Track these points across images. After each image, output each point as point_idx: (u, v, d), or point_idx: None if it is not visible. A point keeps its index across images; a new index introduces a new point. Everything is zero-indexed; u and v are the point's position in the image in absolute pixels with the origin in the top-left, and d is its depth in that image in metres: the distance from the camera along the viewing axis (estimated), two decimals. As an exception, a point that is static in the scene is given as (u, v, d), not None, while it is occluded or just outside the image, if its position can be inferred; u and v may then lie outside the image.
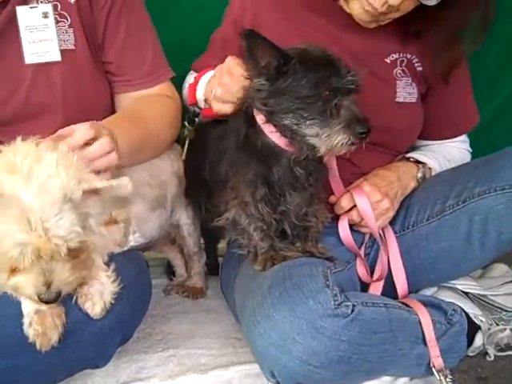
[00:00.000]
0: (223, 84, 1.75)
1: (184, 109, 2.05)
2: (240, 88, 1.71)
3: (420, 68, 1.98)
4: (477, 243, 1.79)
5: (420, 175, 2.00)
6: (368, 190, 1.86)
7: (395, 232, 1.94)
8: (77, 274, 1.34)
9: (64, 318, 1.40)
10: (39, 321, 1.36)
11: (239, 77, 1.70)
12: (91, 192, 1.33)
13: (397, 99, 1.97)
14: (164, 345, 1.84)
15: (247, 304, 1.63)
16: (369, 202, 1.84)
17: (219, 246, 2.40)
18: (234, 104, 1.75)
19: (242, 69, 1.68)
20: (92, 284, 1.42)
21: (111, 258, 1.51)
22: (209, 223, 1.91)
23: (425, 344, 1.63)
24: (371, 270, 1.93)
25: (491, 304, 1.96)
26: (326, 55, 1.60)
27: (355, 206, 1.87)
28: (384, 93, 1.96)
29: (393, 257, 1.88)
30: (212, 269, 2.34)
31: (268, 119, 1.64)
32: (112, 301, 1.45)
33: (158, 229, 2.00)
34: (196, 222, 2.13)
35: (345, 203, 1.88)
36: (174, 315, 2.05)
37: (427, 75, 1.99)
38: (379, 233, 1.90)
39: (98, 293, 1.42)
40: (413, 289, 1.92)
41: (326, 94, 1.55)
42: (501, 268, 2.18)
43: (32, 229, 1.23)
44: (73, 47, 1.79)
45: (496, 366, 1.79)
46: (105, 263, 1.48)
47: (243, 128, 1.70)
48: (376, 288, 1.87)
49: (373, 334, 1.52)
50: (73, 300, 1.42)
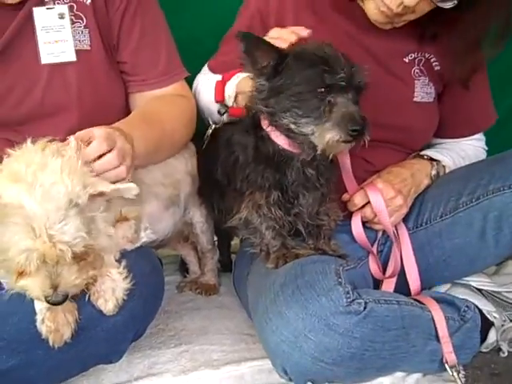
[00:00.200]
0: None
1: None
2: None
3: (438, 67, 1.97)
4: (491, 240, 1.79)
5: (434, 172, 1.99)
6: (381, 187, 1.85)
7: (408, 229, 1.93)
8: (83, 276, 1.35)
9: (76, 315, 1.42)
10: (51, 317, 1.38)
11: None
12: (98, 196, 1.34)
13: (414, 99, 1.97)
14: (177, 341, 1.86)
15: (260, 301, 1.64)
16: (382, 199, 1.83)
17: (232, 243, 2.41)
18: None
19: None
20: (104, 281, 1.43)
21: (123, 255, 1.52)
22: (221, 224, 1.92)
23: (438, 340, 1.63)
24: (384, 267, 1.92)
25: (505, 301, 1.94)
26: (323, 52, 1.58)
27: (368, 203, 1.87)
28: (402, 92, 1.96)
29: (405, 253, 1.88)
30: (225, 266, 2.36)
31: (270, 121, 1.64)
32: (124, 297, 1.46)
33: (172, 227, 2.01)
34: (209, 220, 2.14)
35: (358, 200, 1.88)
36: (187, 311, 2.06)
37: (444, 74, 1.98)
38: (392, 230, 1.89)
39: (110, 289, 1.44)
40: (426, 285, 1.92)
41: (321, 92, 1.55)
42: (515, 265, 2.17)
43: (36, 236, 1.24)
44: (88, 48, 1.81)
45: (509, 362, 1.78)
46: (116, 260, 1.49)
47: (252, 138, 1.71)
48: (389, 285, 1.86)
49: (385, 331, 1.52)
50: (86, 297, 1.44)
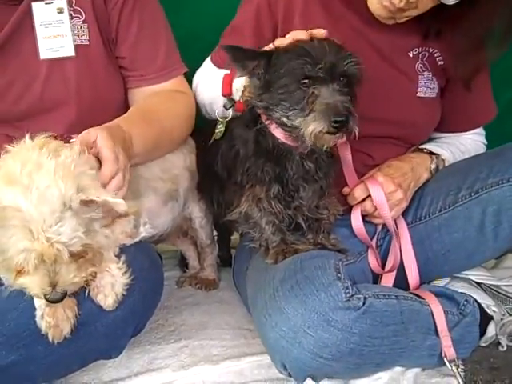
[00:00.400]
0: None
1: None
2: None
3: (441, 62, 1.97)
4: (490, 234, 1.78)
5: (433, 166, 1.99)
6: (382, 181, 1.85)
7: (408, 223, 1.93)
8: (82, 274, 1.35)
9: (76, 310, 1.43)
10: (51, 313, 1.38)
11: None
12: (89, 202, 1.34)
13: (418, 94, 1.96)
14: (176, 336, 1.86)
15: (259, 297, 1.65)
16: (383, 192, 1.83)
17: (232, 238, 2.42)
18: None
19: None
20: (103, 276, 1.43)
21: (123, 250, 1.52)
22: (221, 218, 1.92)
23: (437, 335, 1.63)
24: (383, 262, 1.92)
25: (504, 294, 1.95)
26: (308, 45, 1.59)
27: (368, 197, 1.87)
28: (406, 87, 1.96)
29: (405, 248, 1.88)
30: (225, 260, 2.37)
31: (266, 115, 1.65)
32: (124, 292, 1.46)
33: (171, 222, 2.02)
34: (208, 215, 2.14)
35: (358, 194, 1.88)
36: (187, 307, 2.07)
37: (448, 69, 1.97)
38: (392, 223, 1.89)
39: (110, 285, 1.44)
40: (425, 280, 1.92)
41: (304, 83, 1.54)
42: (514, 259, 2.17)
43: (34, 237, 1.25)
44: (87, 42, 1.81)
45: (508, 356, 1.78)
46: (115, 255, 1.49)
47: (252, 132, 1.70)
48: (388, 279, 1.86)
49: (384, 327, 1.53)
50: (85, 293, 1.44)
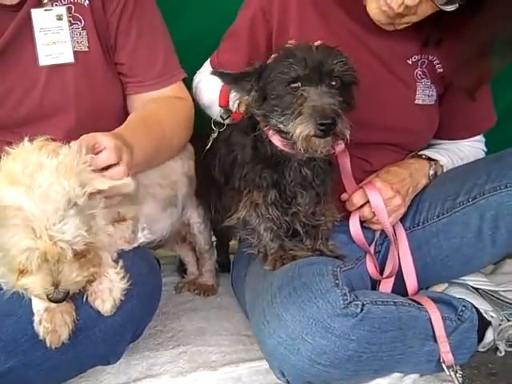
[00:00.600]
0: None
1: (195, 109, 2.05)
2: None
3: (440, 70, 1.97)
4: (488, 240, 1.78)
5: (432, 172, 1.99)
6: (380, 187, 1.86)
7: (406, 229, 1.93)
8: (84, 274, 1.36)
9: (74, 315, 1.43)
10: (49, 318, 1.38)
11: None
12: (96, 193, 1.35)
13: (416, 101, 1.96)
14: (175, 342, 1.86)
15: (257, 303, 1.65)
16: (381, 198, 1.83)
17: (231, 244, 2.42)
18: None
19: None
20: (101, 281, 1.44)
21: (121, 256, 1.52)
22: (218, 224, 1.93)
23: (435, 341, 1.63)
24: (381, 268, 1.92)
25: (502, 300, 1.94)
26: (295, 48, 1.60)
27: (367, 203, 1.87)
28: (404, 94, 1.96)
29: (403, 254, 1.88)
30: (223, 266, 2.37)
31: (264, 123, 1.65)
32: (122, 297, 1.47)
33: (169, 227, 2.02)
34: (206, 221, 2.14)
35: (357, 200, 1.89)
36: (185, 312, 2.07)
37: (447, 77, 1.97)
38: (391, 229, 1.88)
39: (107, 290, 1.44)
40: (423, 285, 1.92)
41: (293, 87, 1.55)
42: (512, 264, 2.17)
43: (37, 236, 1.25)
44: (86, 49, 1.82)
45: (507, 362, 1.79)
46: (113, 260, 1.49)
47: (250, 138, 1.71)
48: (386, 285, 1.86)
49: (382, 333, 1.53)
50: (83, 298, 1.44)
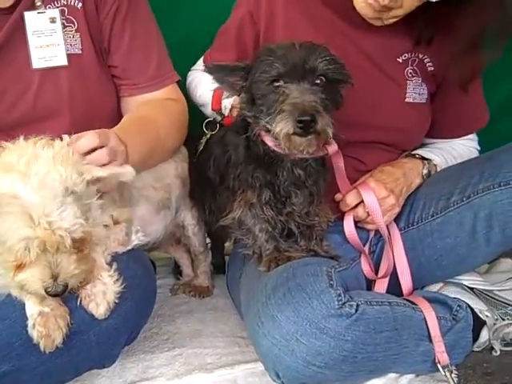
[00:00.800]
0: None
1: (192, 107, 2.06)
2: None
3: (431, 68, 1.97)
4: (482, 239, 1.78)
5: (425, 172, 1.99)
6: (374, 186, 1.86)
7: (400, 228, 1.93)
8: (82, 267, 1.36)
9: (68, 319, 1.42)
10: (42, 322, 1.38)
11: None
12: (95, 182, 1.36)
13: (406, 99, 1.96)
14: (170, 344, 1.86)
15: (252, 304, 1.65)
16: (376, 197, 1.83)
17: (226, 245, 2.41)
18: None
19: None
20: (95, 284, 1.43)
21: (115, 258, 1.52)
22: (213, 225, 1.93)
23: (430, 341, 1.63)
24: (376, 268, 1.92)
25: (497, 299, 1.94)
26: (277, 46, 1.60)
27: (361, 203, 1.87)
28: (394, 93, 1.96)
29: (397, 253, 1.87)
30: (218, 267, 2.37)
31: (255, 124, 1.65)
32: (116, 300, 1.47)
33: (163, 230, 2.02)
34: (201, 223, 2.15)
35: (350, 200, 1.88)
36: (181, 315, 2.07)
37: (438, 75, 1.98)
38: (385, 229, 1.88)
39: (101, 293, 1.44)
40: (418, 285, 1.92)
41: (278, 85, 1.55)
42: (507, 263, 2.16)
43: (35, 224, 1.25)
44: (79, 51, 1.82)
45: (502, 361, 1.78)
46: (107, 263, 1.49)
47: (243, 139, 1.70)
48: (381, 285, 1.86)
49: (377, 334, 1.53)
50: (77, 301, 1.44)
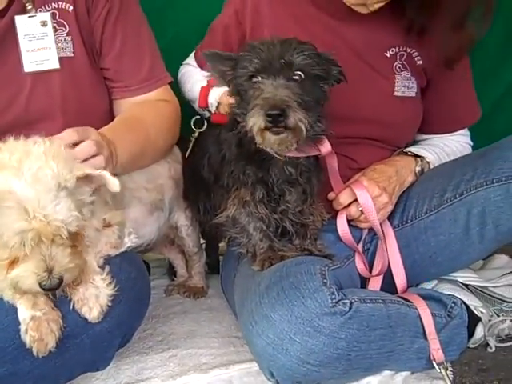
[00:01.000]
0: None
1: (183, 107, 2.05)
2: None
3: (420, 62, 1.97)
4: (475, 235, 1.79)
5: (418, 169, 1.99)
6: (366, 185, 1.85)
7: (394, 226, 1.93)
8: (76, 261, 1.35)
9: (61, 323, 1.42)
10: (35, 327, 1.37)
11: None
12: (84, 180, 1.36)
13: (395, 93, 1.96)
14: (165, 345, 1.85)
15: (245, 304, 1.64)
16: (369, 195, 1.83)
17: (220, 245, 2.41)
18: None
19: None
20: (87, 288, 1.43)
21: (108, 261, 1.52)
22: (207, 225, 1.93)
23: (425, 338, 1.64)
24: (370, 266, 1.92)
25: (492, 295, 1.95)
26: (257, 42, 1.60)
27: (354, 202, 1.87)
28: (382, 86, 1.96)
29: (391, 251, 1.87)
30: (213, 267, 2.36)
31: (242, 120, 1.64)
32: (109, 303, 1.46)
33: (157, 231, 2.02)
34: (194, 223, 2.14)
35: (343, 199, 1.88)
36: (176, 315, 2.06)
37: (427, 69, 1.99)
38: (379, 226, 1.88)
39: (94, 296, 1.43)
40: (413, 282, 1.92)
41: (255, 81, 1.55)
42: (501, 259, 2.16)
43: (30, 217, 1.25)
44: (71, 55, 1.81)
45: (497, 358, 1.78)
46: (99, 266, 1.49)
47: (235, 136, 1.70)
48: (375, 283, 1.86)
49: (371, 331, 1.53)
50: (70, 305, 1.44)
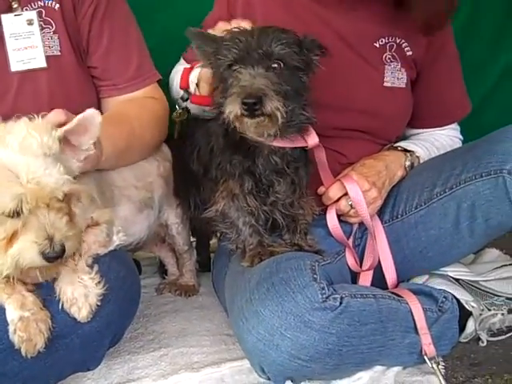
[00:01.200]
0: None
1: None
2: None
3: (410, 52, 1.98)
4: (465, 230, 1.79)
5: (408, 163, 1.99)
6: (356, 179, 1.85)
7: (384, 222, 1.94)
8: (73, 231, 1.34)
9: (50, 323, 1.41)
10: (23, 327, 1.36)
11: None
12: (68, 148, 1.39)
13: (385, 84, 1.97)
14: (156, 344, 1.85)
15: (235, 301, 1.64)
16: (359, 189, 1.83)
17: (211, 243, 2.40)
18: None
19: None
20: (76, 288, 1.42)
21: (97, 260, 1.51)
22: (198, 221, 1.92)
23: (416, 332, 1.64)
24: (361, 261, 1.92)
25: (482, 290, 1.95)
26: (238, 31, 1.59)
27: (343, 196, 1.86)
28: (372, 77, 1.96)
29: (381, 246, 1.87)
30: (204, 265, 2.36)
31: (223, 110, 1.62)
32: (98, 303, 1.45)
33: (147, 229, 2.01)
34: (185, 221, 2.14)
35: (333, 193, 1.87)
36: (167, 314, 2.06)
37: (417, 59, 1.99)
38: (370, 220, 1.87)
39: (83, 296, 1.42)
40: (404, 277, 1.92)
41: (234, 70, 1.55)
42: (492, 253, 2.18)
43: (24, 182, 1.25)
44: (58, 53, 1.80)
45: (489, 351, 1.79)
46: (88, 265, 1.48)
47: (222, 127, 1.68)
48: (366, 278, 1.87)
49: (362, 326, 1.53)
50: (59, 305, 1.43)
